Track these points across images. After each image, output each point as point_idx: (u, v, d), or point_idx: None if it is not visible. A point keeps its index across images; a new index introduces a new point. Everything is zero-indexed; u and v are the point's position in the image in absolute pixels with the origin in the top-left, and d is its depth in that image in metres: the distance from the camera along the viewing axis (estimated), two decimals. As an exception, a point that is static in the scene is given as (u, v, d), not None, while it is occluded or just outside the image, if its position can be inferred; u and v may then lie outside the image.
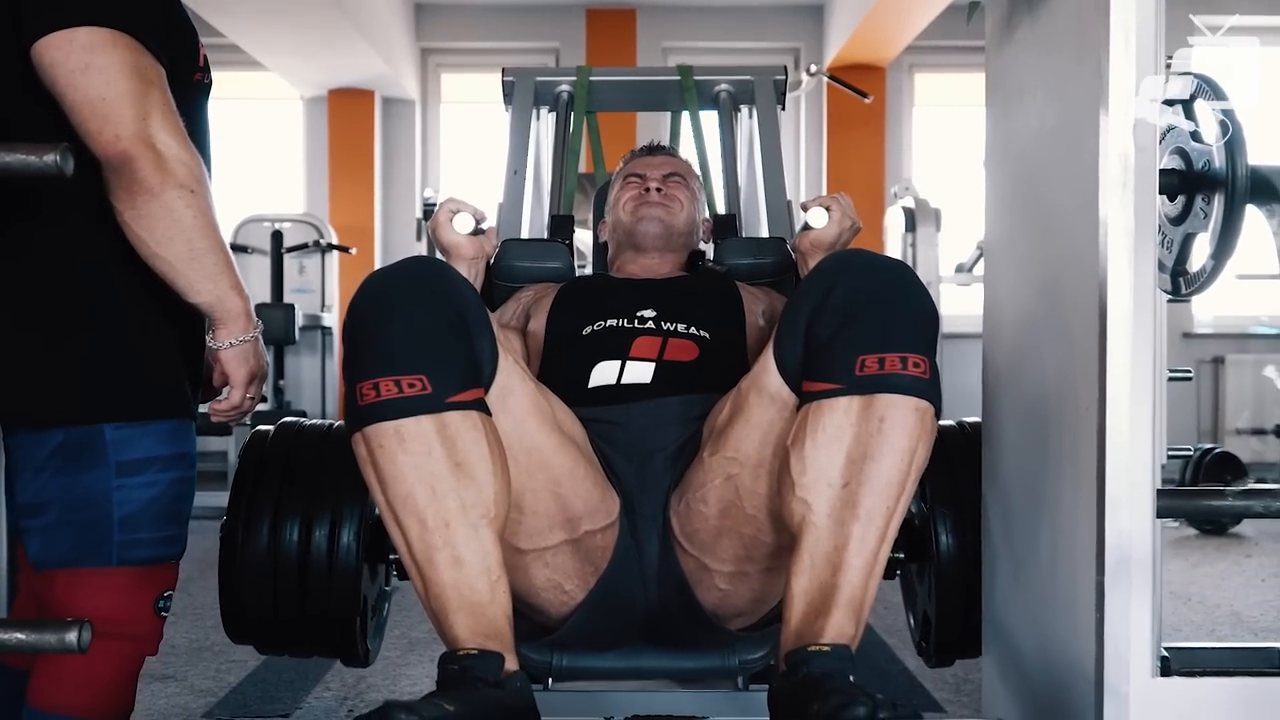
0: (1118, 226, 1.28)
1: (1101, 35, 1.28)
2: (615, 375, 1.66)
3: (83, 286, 1.42)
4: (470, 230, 1.75)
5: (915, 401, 1.29)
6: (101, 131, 1.33)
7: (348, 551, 1.67)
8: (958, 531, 1.70)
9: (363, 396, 1.31)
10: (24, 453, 1.43)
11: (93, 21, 1.33)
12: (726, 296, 1.85)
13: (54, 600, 1.45)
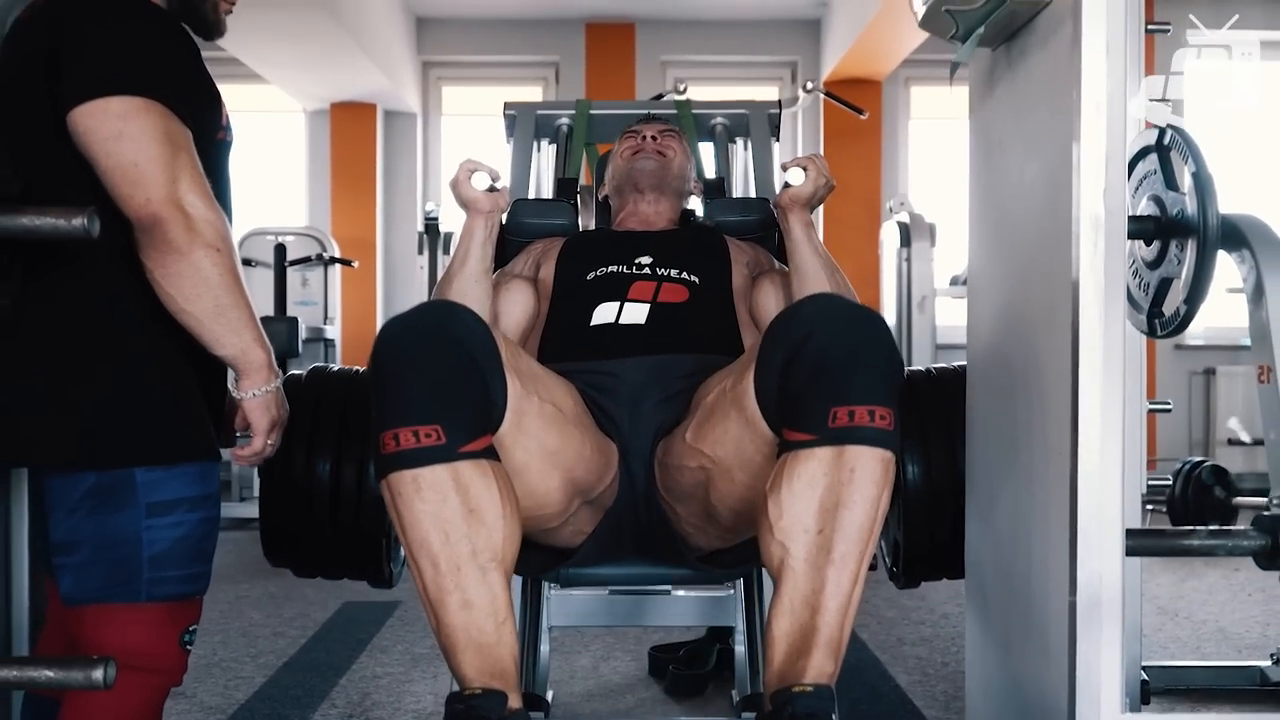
0: (1088, 283, 1.35)
1: (1074, 101, 1.35)
2: (615, 315, 1.88)
3: (112, 334, 1.50)
4: (486, 187, 1.94)
5: (881, 452, 1.39)
6: (133, 195, 1.40)
7: (375, 481, 1.78)
8: (923, 464, 1.90)
9: (384, 446, 1.41)
10: (57, 494, 1.50)
11: (126, 91, 1.41)
12: (715, 247, 2.06)
13: (84, 635, 1.52)
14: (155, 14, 1.55)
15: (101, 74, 1.43)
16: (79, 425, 1.48)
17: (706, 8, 6.50)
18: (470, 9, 6.59)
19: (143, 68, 1.45)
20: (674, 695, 2.78)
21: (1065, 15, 1.38)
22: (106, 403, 1.49)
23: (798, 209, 1.96)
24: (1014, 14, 1.49)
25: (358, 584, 3.88)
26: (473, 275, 1.94)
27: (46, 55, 1.46)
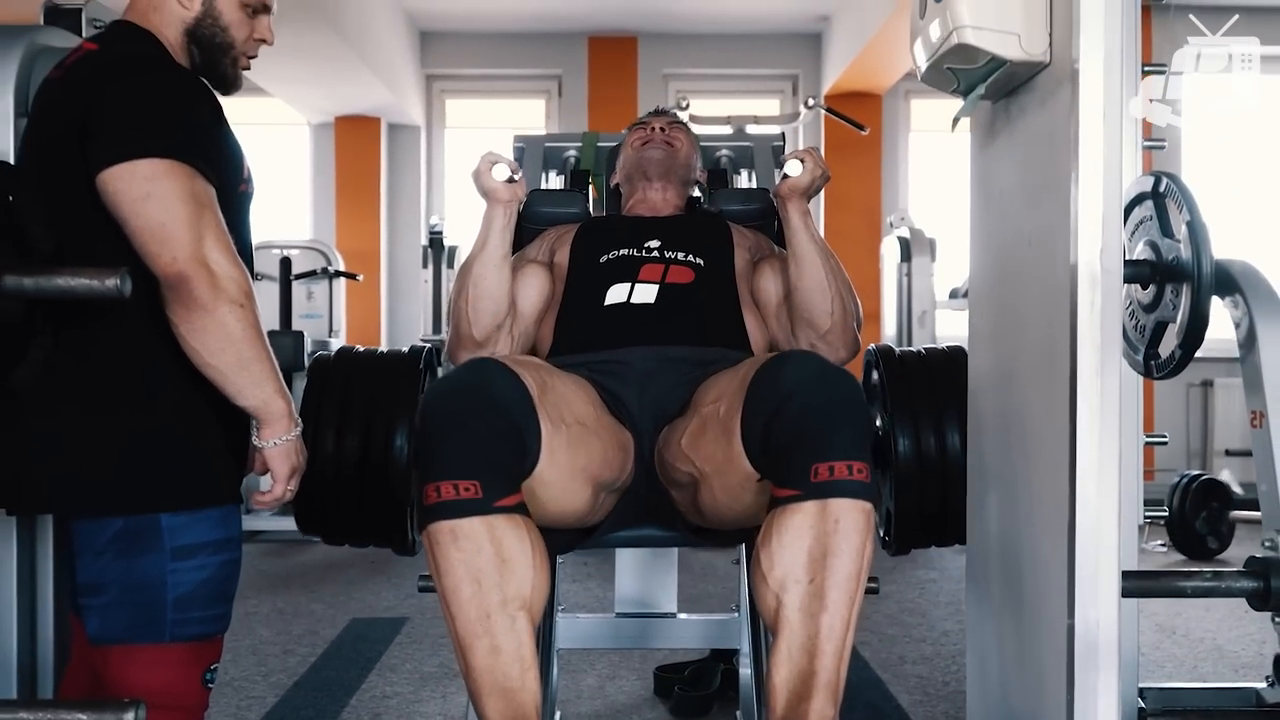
0: (1086, 340, 1.39)
1: (1072, 164, 1.40)
2: (626, 295, 2.03)
3: (139, 386, 1.54)
4: (505, 178, 2.04)
5: (862, 503, 1.49)
6: (160, 254, 1.45)
7: (400, 453, 2.00)
8: (914, 440, 2.03)
9: (427, 497, 1.51)
10: (84, 537, 1.55)
11: (152, 154, 1.46)
12: (719, 232, 2.20)
13: (110, 673, 1.57)
14: (179, 73, 1.60)
15: (129, 137, 1.47)
16: (106, 473, 1.53)
17: (708, 21, 6.55)
18: (473, 23, 6.64)
19: (168, 130, 1.50)
20: (679, 716, 2.83)
21: (1064, 79, 1.43)
22: (133, 451, 1.53)
23: (796, 198, 2.06)
24: (1013, 74, 1.54)
25: (364, 600, 3.96)
26: (493, 260, 2.03)
27: (78, 117, 1.50)
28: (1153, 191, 1.80)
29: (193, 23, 1.65)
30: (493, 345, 2.04)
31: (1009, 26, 1.48)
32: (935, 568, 4.61)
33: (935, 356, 2.20)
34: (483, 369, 1.61)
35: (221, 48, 1.68)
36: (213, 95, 1.62)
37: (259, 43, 1.75)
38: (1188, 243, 1.72)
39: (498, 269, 2.03)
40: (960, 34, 1.49)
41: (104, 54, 1.60)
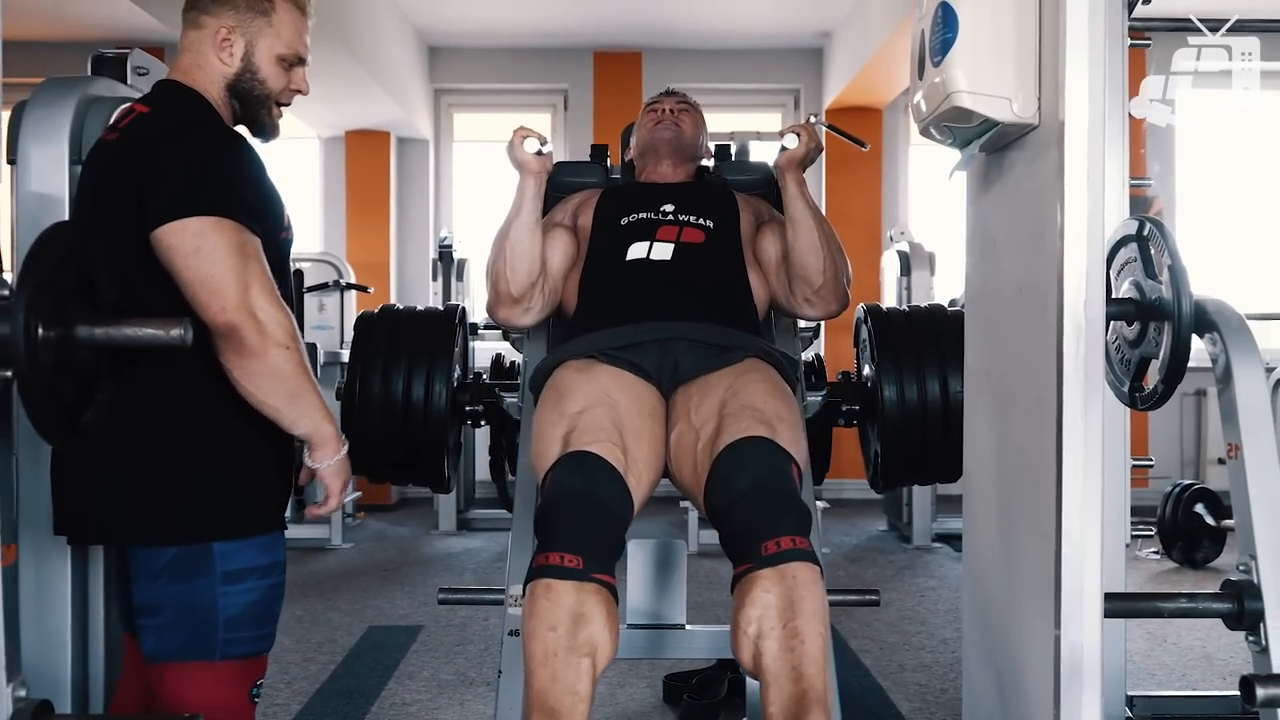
0: (1071, 384, 1.51)
1: (1058, 222, 1.51)
2: (645, 252, 2.26)
3: (191, 423, 1.66)
4: (535, 150, 2.25)
5: (809, 564, 1.70)
6: (210, 304, 1.57)
7: (439, 399, 2.28)
8: (897, 389, 2.32)
9: (537, 560, 1.72)
10: (141, 563, 1.67)
11: (202, 212, 1.58)
12: (725, 198, 2.45)
13: (164, 689, 1.69)
14: (225, 134, 1.72)
15: (180, 197, 1.59)
16: (164, 507, 1.65)
17: (711, 37, 6.66)
18: (481, 39, 6.75)
19: (215, 189, 1.62)
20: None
21: (1051, 141, 1.55)
22: (188, 485, 1.66)
23: (793, 168, 2.31)
24: (1005, 133, 1.65)
25: (380, 608, 4.08)
26: (526, 224, 2.26)
27: (132, 177, 1.62)
28: (1137, 235, 1.91)
29: (233, 77, 1.78)
30: (528, 301, 2.29)
31: (1002, 91, 1.60)
32: (935, 576, 4.73)
33: (919, 314, 2.51)
34: (591, 472, 1.82)
35: (260, 99, 1.81)
36: (254, 151, 1.74)
37: (294, 93, 1.87)
38: (1169, 284, 1.83)
39: (530, 232, 2.26)
40: (956, 98, 1.61)
41: (155, 118, 1.71)
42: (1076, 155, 1.51)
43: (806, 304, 2.32)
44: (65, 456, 1.67)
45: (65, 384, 1.44)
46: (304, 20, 1.83)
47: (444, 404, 2.28)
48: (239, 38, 1.77)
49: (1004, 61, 1.59)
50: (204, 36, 1.77)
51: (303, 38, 1.83)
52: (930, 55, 1.66)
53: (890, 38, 5.29)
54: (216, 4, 1.77)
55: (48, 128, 1.93)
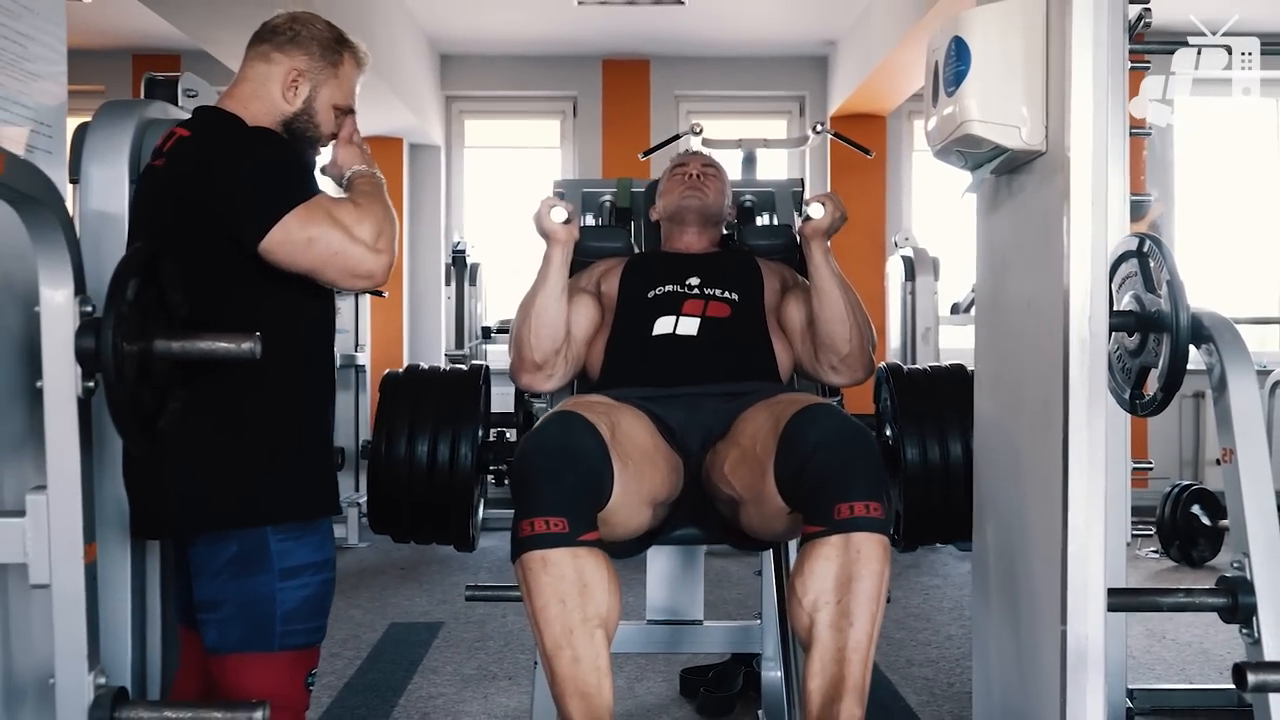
0: (1077, 393, 1.63)
1: (1064, 244, 1.63)
2: (672, 327, 2.31)
3: (256, 427, 1.78)
4: (563, 220, 2.30)
5: (878, 535, 1.77)
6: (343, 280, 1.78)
7: (465, 460, 2.27)
8: (920, 449, 2.28)
9: (521, 531, 1.76)
10: (201, 561, 1.79)
11: (290, 207, 1.72)
12: (750, 269, 2.47)
13: (226, 679, 1.80)
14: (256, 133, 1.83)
15: (268, 206, 1.72)
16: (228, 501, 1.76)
17: (718, 45, 6.78)
18: (492, 47, 6.86)
19: (286, 182, 1.76)
20: (704, 715, 3.06)
21: (1058, 168, 1.66)
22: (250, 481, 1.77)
23: (818, 238, 2.35)
24: (1014, 158, 1.77)
25: (400, 605, 4.20)
26: (553, 294, 2.30)
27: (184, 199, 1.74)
28: (1137, 251, 2.02)
29: (291, 116, 1.89)
30: (550, 368, 2.33)
31: (1011, 120, 1.71)
32: (939, 575, 4.84)
33: (939, 374, 2.49)
34: (569, 425, 1.86)
35: (310, 140, 1.93)
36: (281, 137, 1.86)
37: (333, 138, 1.98)
38: (1168, 298, 1.95)
39: (557, 301, 2.30)
40: (968, 126, 1.73)
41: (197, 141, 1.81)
42: (1081, 180, 1.63)
43: (833, 371, 2.37)
44: (137, 460, 1.78)
45: (145, 394, 1.55)
46: (360, 74, 1.96)
47: (470, 467, 2.28)
48: (306, 82, 1.88)
49: (1013, 92, 1.71)
50: (273, 73, 1.88)
51: (355, 90, 1.96)
52: (944, 85, 1.77)
53: (895, 48, 5.41)
54: (293, 46, 1.89)
55: (108, 149, 2.04)
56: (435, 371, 2.49)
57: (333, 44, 1.92)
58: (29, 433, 1.77)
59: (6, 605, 1.75)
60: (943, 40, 1.78)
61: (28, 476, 1.77)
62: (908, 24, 5.16)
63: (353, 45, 1.95)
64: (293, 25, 1.91)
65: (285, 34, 1.90)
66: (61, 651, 1.56)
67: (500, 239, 7.02)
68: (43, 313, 1.51)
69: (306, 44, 1.89)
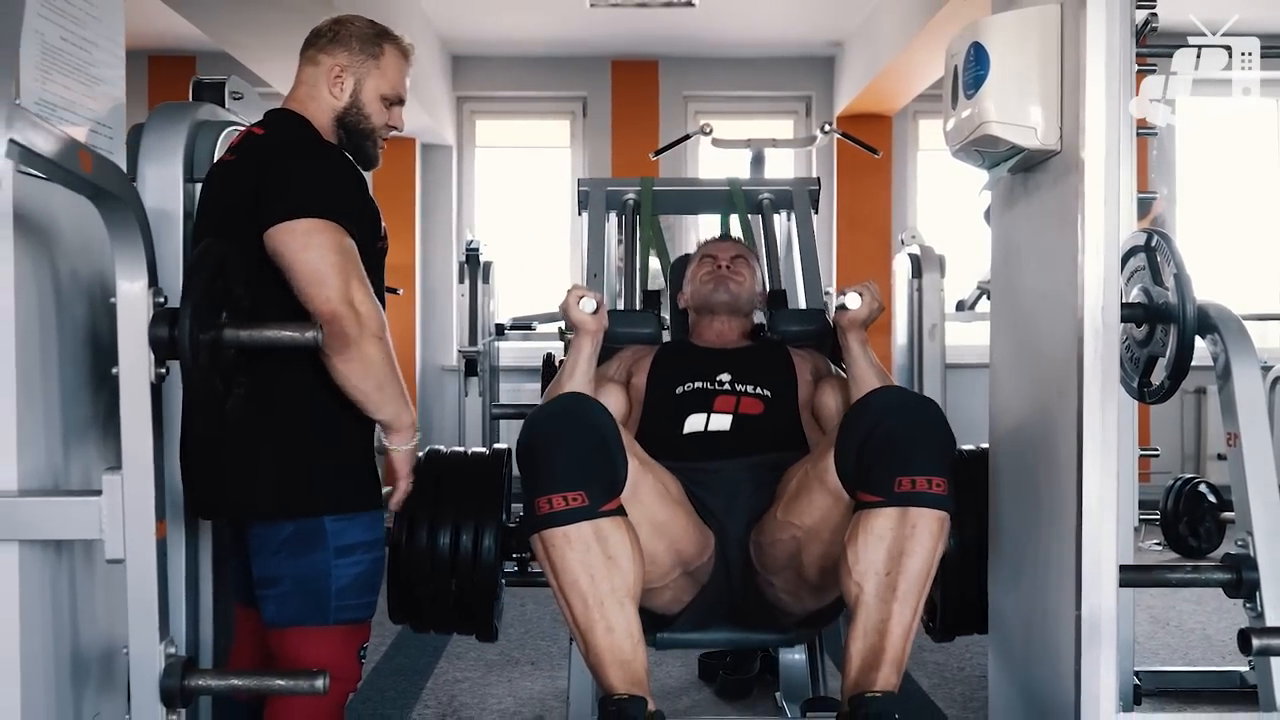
0: (1091, 381, 1.72)
1: (1078, 239, 1.73)
2: (703, 425, 2.27)
3: (310, 415, 1.88)
4: (592, 310, 2.27)
5: (938, 512, 1.79)
6: (316, 295, 1.79)
7: (488, 552, 2.17)
8: (956, 536, 2.14)
9: (539, 509, 1.80)
10: (260, 540, 1.89)
11: (310, 214, 1.80)
12: (782, 361, 2.45)
13: (284, 651, 1.90)
14: (332, 152, 1.93)
15: (291, 201, 1.81)
16: (288, 488, 1.86)
17: (726, 46, 6.87)
18: (503, 48, 6.95)
19: (323, 197, 1.84)
20: (723, 697, 3.16)
21: (1072, 166, 1.76)
22: (307, 470, 1.87)
23: (855, 329, 2.33)
24: (1030, 157, 1.87)
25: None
26: (581, 384, 2.26)
27: (251, 189, 1.84)
28: (1145, 245, 2.12)
29: (341, 110, 1.99)
30: None
31: (1028, 122, 1.81)
32: (946, 565, 4.94)
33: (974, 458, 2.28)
34: (575, 398, 1.91)
35: (364, 132, 2.02)
36: (358, 171, 1.95)
37: (391, 129, 2.08)
38: (1175, 290, 2.04)
39: (585, 390, 2.22)
40: (987, 127, 1.82)
41: (270, 137, 1.93)
42: (1095, 178, 1.73)
43: None
44: (196, 445, 1.88)
45: (216, 380, 1.65)
46: (406, 65, 2.04)
47: (493, 560, 2.17)
48: (349, 76, 1.98)
49: (1029, 95, 1.80)
50: (319, 73, 1.98)
51: (404, 80, 2.05)
52: (964, 89, 1.87)
53: (903, 51, 5.50)
54: (334, 44, 1.99)
55: (163, 150, 2.14)
56: (458, 457, 2.31)
57: (372, 38, 2.01)
58: (93, 418, 1.86)
59: (73, 582, 1.85)
60: (962, 45, 1.88)
61: (91, 458, 1.86)
62: (915, 27, 5.26)
63: (394, 38, 2.04)
64: (334, 27, 2.02)
65: (327, 35, 2.01)
66: (135, 622, 1.65)
67: (511, 237, 7.11)
68: (119, 303, 1.60)
69: (346, 41, 1.99)
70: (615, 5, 5.83)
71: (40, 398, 1.68)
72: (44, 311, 1.69)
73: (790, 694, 2.85)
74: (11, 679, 1.63)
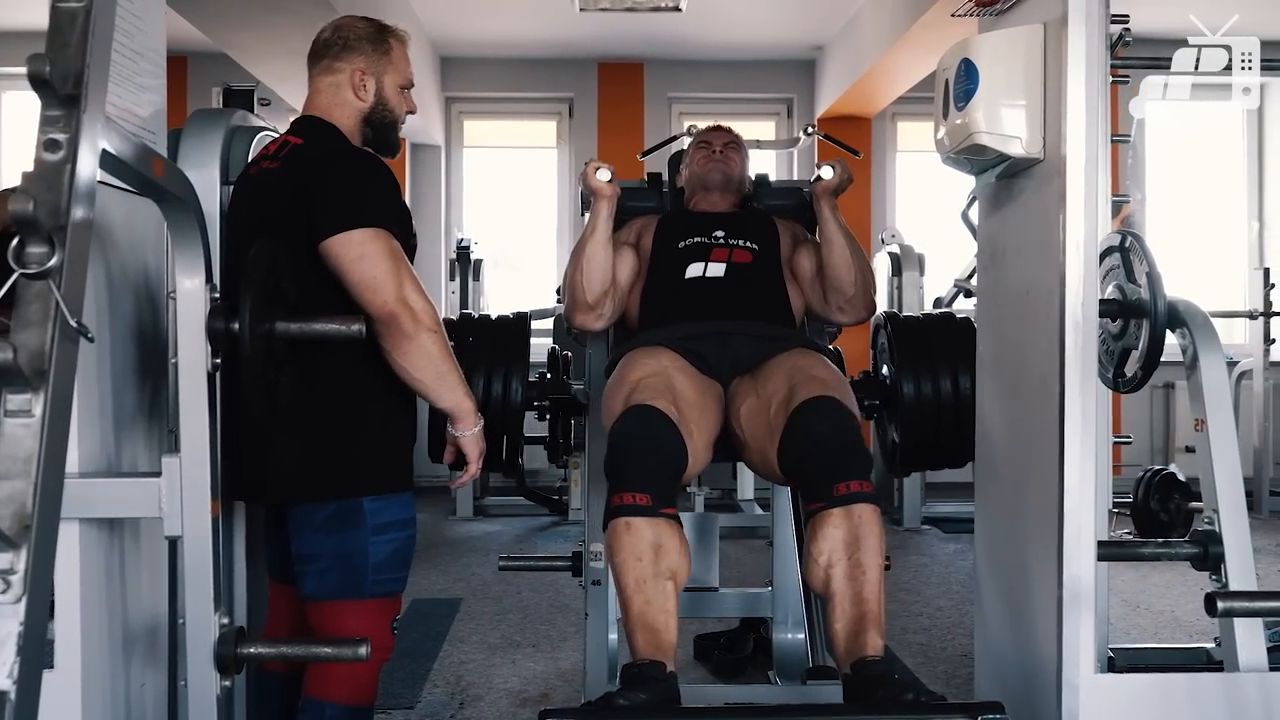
0: (1072, 369, 1.89)
1: (1060, 236, 1.88)
2: (701, 271, 2.63)
3: (351, 403, 2.00)
4: (608, 179, 2.59)
5: (873, 506, 2.04)
6: (374, 300, 1.91)
7: (516, 394, 2.64)
8: (915, 386, 2.67)
9: (614, 501, 2.05)
10: (302, 518, 2.01)
11: (362, 225, 1.92)
12: (767, 224, 2.81)
13: (323, 623, 2.03)
14: (370, 160, 2.06)
15: (343, 214, 1.93)
16: (330, 471, 1.98)
17: (710, 49, 7.02)
18: (491, 49, 7.07)
19: (369, 207, 1.96)
20: (719, 676, 3.31)
21: (1055, 173, 1.92)
22: (348, 454, 1.99)
23: (827, 195, 2.68)
24: (1015, 164, 2.02)
25: (418, 583, 4.46)
26: (600, 241, 2.60)
27: (298, 198, 1.95)
28: (1120, 246, 2.28)
29: (369, 110, 2.11)
30: (601, 308, 2.63)
31: (1013, 132, 1.97)
32: (926, 554, 5.11)
33: (931, 320, 2.91)
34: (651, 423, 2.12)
35: (390, 125, 2.15)
36: (392, 174, 2.08)
37: (409, 113, 2.20)
38: (1147, 287, 2.21)
39: (604, 248, 2.60)
40: (976, 136, 1.98)
41: (311, 147, 2.04)
42: (1076, 184, 1.89)
43: (839, 311, 2.67)
44: (241, 429, 2.00)
45: (270, 370, 1.78)
46: (407, 51, 2.17)
47: (521, 400, 2.61)
48: (370, 77, 2.10)
49: (1015, 108, 1.96)
50: (340, 80, 2.10)
51: (410, 65, 2.18)
52: (954, 101, 2.03)
53: (884, 55, 5.66)
54: (347, 50, 2.11)
55: (201, 154, 2.26)
56: (486, 319, 2.84)
57: (378, 36, 2.13)
58: (139, 405, 1.98)
59: (123, 560, 1.97)
60: (953, 61, 2.03)
61: (139, 443, 1.99)
62: (896, 32, 5.42)
63: (393, 29, 2.17)
64: (339, 34, 2.13)
65: (337, 44, 2.12)
66: (191, 594, 1.77)
67: (499, 236, 7.24)
68: (179, 298, 1.73)
69: (358, 44, 2.11)
70: (603, 10, 5.96)
71: (95, 387, 1.80)
72: (99, 306, 1.80)
73: (784, 672, 3.01)
74: (73, 648, 1.75)
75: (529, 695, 3.15)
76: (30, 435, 1.21)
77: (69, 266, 1.26)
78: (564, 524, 5.87)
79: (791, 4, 6.21)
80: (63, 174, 1.27)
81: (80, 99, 1.30)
